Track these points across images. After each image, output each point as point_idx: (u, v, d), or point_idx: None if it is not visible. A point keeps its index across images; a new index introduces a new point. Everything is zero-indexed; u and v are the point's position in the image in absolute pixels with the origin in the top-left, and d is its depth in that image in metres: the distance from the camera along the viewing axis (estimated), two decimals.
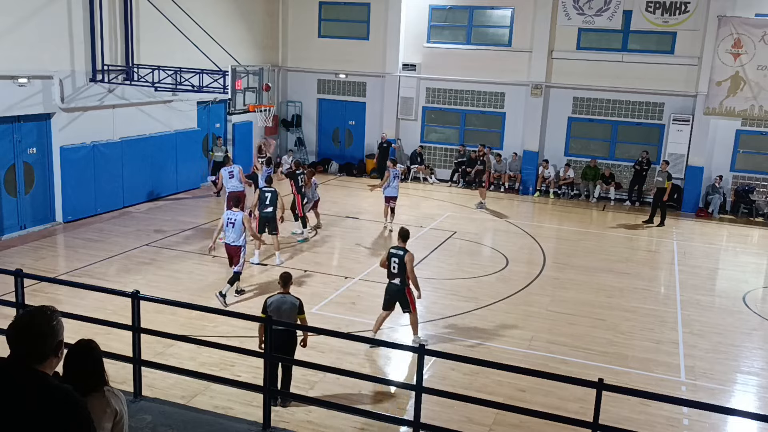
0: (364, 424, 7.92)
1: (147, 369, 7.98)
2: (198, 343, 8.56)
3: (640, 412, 8.51)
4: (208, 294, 11.90)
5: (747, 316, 12.38)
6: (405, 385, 7.78)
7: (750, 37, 19.65)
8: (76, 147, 16.22)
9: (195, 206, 18.62)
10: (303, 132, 25.30)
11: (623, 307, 12.48)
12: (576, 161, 22.49)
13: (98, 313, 9.50)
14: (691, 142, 20.91)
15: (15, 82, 14.60)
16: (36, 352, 3.21)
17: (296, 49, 24.81)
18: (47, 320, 3.26)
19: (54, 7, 15.42)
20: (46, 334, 3.23)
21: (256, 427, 7.29)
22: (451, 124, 23.90)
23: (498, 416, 8.18)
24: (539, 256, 15.53)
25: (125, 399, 4.01)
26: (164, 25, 16.98)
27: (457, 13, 23.18)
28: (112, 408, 3.82)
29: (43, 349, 3.22)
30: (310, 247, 15.25)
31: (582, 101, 22.13)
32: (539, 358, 10.02)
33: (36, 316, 3.26)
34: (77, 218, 16.34)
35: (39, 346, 3.21)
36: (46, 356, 3.23)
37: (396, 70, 23.52)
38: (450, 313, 11.71)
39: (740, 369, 10.34)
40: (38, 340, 3.21)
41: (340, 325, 10.55)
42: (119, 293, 8.13)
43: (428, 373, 9.03)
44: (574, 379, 6.89)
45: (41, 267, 12.95)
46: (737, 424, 8.57)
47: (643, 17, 20.93)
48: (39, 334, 3.21)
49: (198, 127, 20.61)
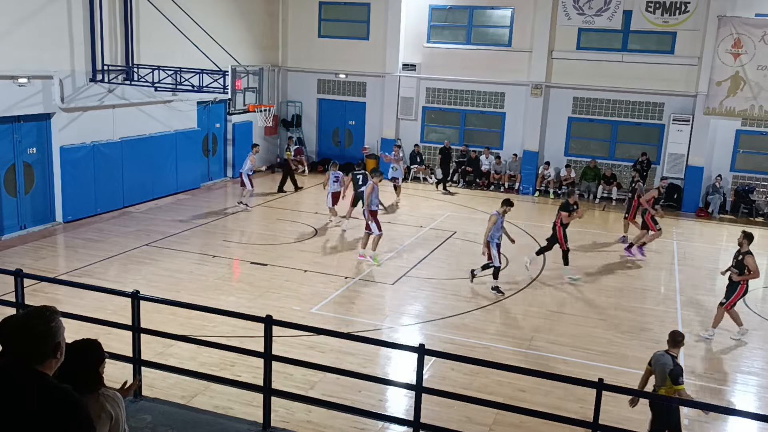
0: (364, 424, 7.92)
1: (147, 369, 7.98)
2: (198, 343, 8.56)
3: (640, 412, 8.49)
4: (208, 294, 11.90)
5: (747, 316, 12.36)
6: (405, 385, 7.77)
7: (750, 37, 19.65)
8: (76, 147, 16.22)
9: (195, 206, 18.62)
10: (303, 132, 25.30)
11: (623, 307, 12.47)
12: (576, 161, 22.49)
13: (98, 313, 9.50)
14: (691, 142, 20.92)
15: (15, 82, 14.60)
16: (36, 353, 3.19)
17: (296, 49, 24.81)
18: (46, 321, 3.24)
19: (54, 7, 15.42)
20: (45, 335, 3.21)
21: (256, 427, 7.29)
22: (451, 124, 23.90)
23: (498, 416, 8.18)
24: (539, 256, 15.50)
25: (123, 401, 3.96)
26: (164, 25, 16.98)
27: (457, 13, 23.18)
28: (107, 412, 3.78)
29: (43, 350, 3.20)
30: (310, 247, 15.25)
31: (582, 101, 22.13)
32: (539, 358, 10.02)
33: (33, 317, 3.24)
34: (77, 218, 16.34)
35: (39, 347, 3.19)
36: (45, 357, 3.22)
37: (396, 70, 23.52)
38: (450, 313, 11.70)
39: (740, 369, 10.34)
40: (38, 340, 3.19)
41: (340, 325, 10.55)
42: (119, 293, 8.14)
43: (428, 373, 9.02)
44: (574, 379, 6.90)
45: (41, 267, 12.95)
46: (737, 424, 8.57)
47: (643, 17, 20.94)
48: (38, 334, 3.19)
49: (198, 127, 20.61)
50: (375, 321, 11.25)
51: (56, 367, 3.29)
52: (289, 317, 10.08)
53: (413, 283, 13.22)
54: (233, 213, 18.29)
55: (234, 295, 11.95)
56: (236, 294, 12.07)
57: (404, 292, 12.70)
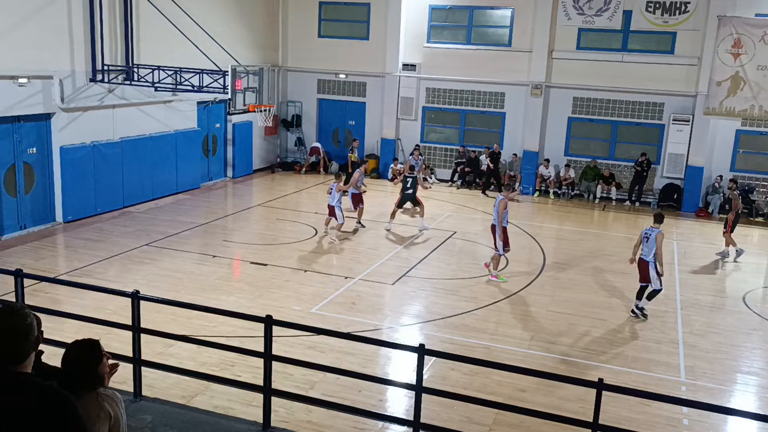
0: (364, 424, 7.92)
1: (147, 369, 7.98)
2: (198, 343, 8.56)
3: (640, 412, 8.51)
4: (208, 294, 11.91)
5: (747, 316, 12.38)
6: (405, 385, 7.77)
7: (750, 37, 19.64)
8: (76, 147, 16.22)
9: (195, 206, 18.62)
10: (303, 132, 25.31)
11: (623, 307, 12.47)
12: (576, 161, 22.49)
13: (98, 313, 9.51)
14: (691, 142, 20.92)
15: (15, 82, 14.60)
16: (20, 351, 3.19)
17: (296, 49, 24.81)
18: (23, 317, 3.23)
19: (54, 7, 15.42)
20: (26, 333, 3.21)
21: (256, 427, 7.29)
22: (451, 124, 23.90)
23: (498, 416, 8.18)
24: (539, 256, 15.53)
25: (122, 401, 3.95)
26: (164, 25, 16.99)
27: (457, 13, 23.18)
28: (106, 411, 3.75)
29: (24, 347, 3.21)
30: (310, 247, 15.25)
31: (582, 101, 22.13)
32: (539, 358, 10.02)
33: (11, 318, 3.22)
34: (77, 218, 16.34)
35: (21, 345, 3.19)
36: (27, 353, 3.23)
37: (396, 70, 23.52)
38: (450, 313, 11.70)
39: (740, 369, 10.33)
40: (19, 339, 3.19)
41: (340, 325, 10.55)
42: (119, 293, 8.14)
43: (428, 373, 9.02)
44: (574, 379, 6.90)
45: (41, 267, 12.95)
46: (737, 424, 8.57)
47: (643, 17, 20.94)
48: (22, 333, 3.19)
49: (198, 127, 20.62)
50: (375, 321, 11.25)
51: (32, 359, 3.29)
52: (289, 317, 10.08)
53: (413, 283, 13.22)
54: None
55: (234, 295, 11.95)
56: (236, 294, 12.07)
57: (404, 292, 12.70)
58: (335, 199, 15.59)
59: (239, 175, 22.85)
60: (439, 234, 16.80)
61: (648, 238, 11.81)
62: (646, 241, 11.84)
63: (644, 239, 11.91)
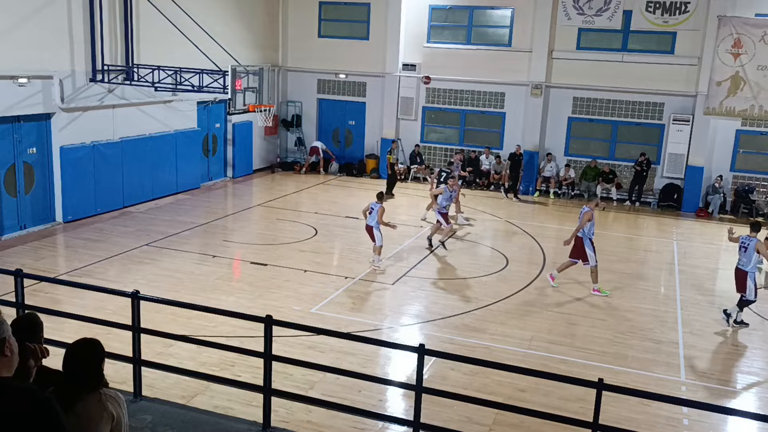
0: (364, 424, 7.92)
1: (147, 369, 7.98)
2: (198, 343, 8.56)
3: (640, 412, 8.51)
4: (208, 294, 11.91)
5: (747, 316, 12.36)
6: (405, 385, 7.77)
7: (750, 37, 19.65)
8: (76, 147, 16.22)
9: (195, 206, 18.62)
10: (303, 132, 25.31)
11: (623, 307, 12.48)
12: (576, 161, 22.49)
13: (98, 313, 9.51)
14: (691, 142, 20.92)
15: (15, 82, 14.60)
16: None
17: (296, 49, 24.81)
18: None
19: (54, 7, 15.42)
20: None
21: (256, 427, 7.29)
22: (451, 124, 23.90)
23: (498, 416, 8.18)
24: (539, 256, 15.53)
25: (124, 401, 3.95)
26: (164, 25, 16.98)
27: (457, 13, 23.18)
28: (109, 412, 3.74)
29: None
30: (310, 247, 15.25)
31: (582, 101, 22.13)
32: (539, 358, 10.02)
33: None
34: (77, 218, 16.34)
35: None
36: None
37: (396, 70, 23.52)
38: (450, 313, 11.71)
39: (740, 369, 10.34)
40: None
41: (340, 325, 10.55)
42: (119, 293, 8.14)
43: (428, 373, 9.02)
44: (574, 379, 6.89)
45: (41, 267, 12.95)
46: (737, 424, 8.57)
47: (643, 17, 20.94)
48: None
49: (198, 127, 20.62)
50: (375, 321, 11.25)
51: None
52: (289, 317, 10.08)
53: (413, 283, 13.22)
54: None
55: (234, 295, 11.95)
56: (236, 294, 12.07)
57: (404, 292, 12.70)
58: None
59: (239, 175, 22.86)
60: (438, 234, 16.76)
61: (746, 248, 11.24)
62: (744, 251, 11.29)
63: (741, 249, 11.37)
